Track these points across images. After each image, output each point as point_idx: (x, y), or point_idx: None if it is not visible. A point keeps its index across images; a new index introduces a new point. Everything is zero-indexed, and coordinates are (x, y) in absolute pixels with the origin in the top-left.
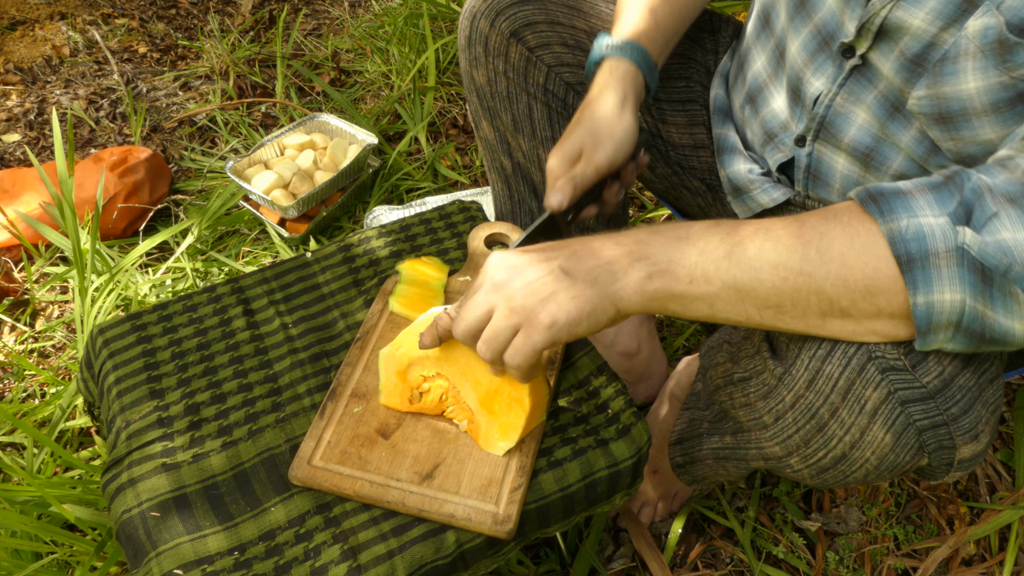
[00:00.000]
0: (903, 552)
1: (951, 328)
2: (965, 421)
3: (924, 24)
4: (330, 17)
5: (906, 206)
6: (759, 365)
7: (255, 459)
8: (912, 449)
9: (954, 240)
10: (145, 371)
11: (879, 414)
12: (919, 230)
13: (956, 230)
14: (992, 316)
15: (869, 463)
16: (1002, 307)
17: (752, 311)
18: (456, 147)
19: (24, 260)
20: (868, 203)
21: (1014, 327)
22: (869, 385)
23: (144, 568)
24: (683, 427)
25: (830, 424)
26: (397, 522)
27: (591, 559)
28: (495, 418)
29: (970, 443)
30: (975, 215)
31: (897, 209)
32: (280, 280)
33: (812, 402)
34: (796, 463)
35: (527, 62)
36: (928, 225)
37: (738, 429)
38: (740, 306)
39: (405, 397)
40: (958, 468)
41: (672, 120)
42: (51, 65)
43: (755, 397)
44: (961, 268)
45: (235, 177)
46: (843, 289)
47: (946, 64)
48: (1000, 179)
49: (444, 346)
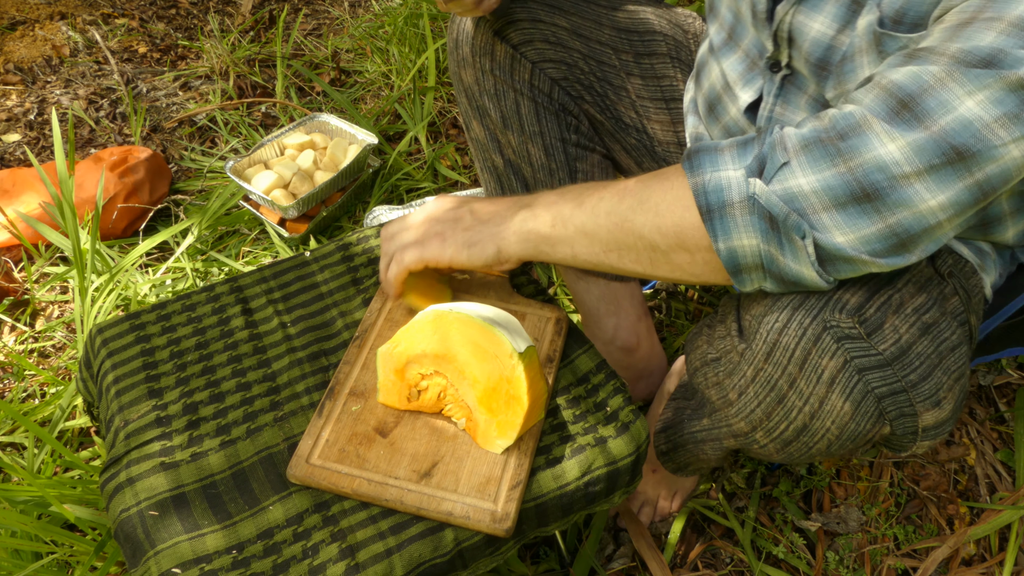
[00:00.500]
0: (903, 552)
1: (759, 270)
2: (924, 387)
3: (823, 27)
4: (330, 17)
5: (712, 161)
6: (728, 344)
7: (253, 458)
8: (872, 417)
9: (746, 191)
10: (144, 371)
11: (836, 383)
12: (718, 183)
13: (748, 181)
14: (783, 261)
15: (830, 433)
16: (790, 253)
17: (600, 252)
18: (456, 147)
19: (24, 260)
20: (685, 160)
21: (803, 271)
22: (825, 354)
23: (142, 567)
24: (669, 415)
25: (789, 395)
26: (395, 520)
27: (591, 559)
28: (493, 416)
29: (932, 409)
30: (767, 166)
31: (704, 164)
32: (279, 279)
33: (771, 374)
34: (761, 437)
35: (512, 59)
36: (727, 178)
37: (713, 410)
38: (591, 248)
39: (403, 395)
40: (924, 436)
41: (656, 118)
42: (51, 65)
43: (723, 375)
44: (753, 216)
45: (235, 177)
46: (658, 234)
47: (845, 63)
48: (806, 128)
49: (443, 344)
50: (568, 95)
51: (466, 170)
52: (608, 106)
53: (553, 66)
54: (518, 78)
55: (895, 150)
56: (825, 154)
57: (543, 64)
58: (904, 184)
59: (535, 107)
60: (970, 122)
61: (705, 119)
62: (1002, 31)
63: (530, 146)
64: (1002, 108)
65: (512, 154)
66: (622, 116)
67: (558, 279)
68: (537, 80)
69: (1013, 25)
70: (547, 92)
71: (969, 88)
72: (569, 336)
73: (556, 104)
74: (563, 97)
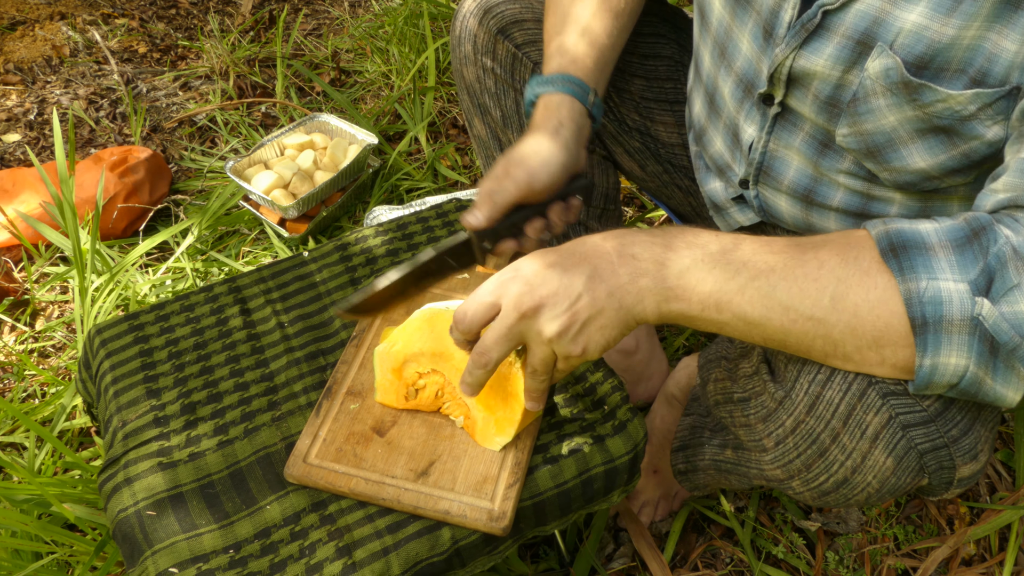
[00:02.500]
0: (903, 552)
1: (951, 387)
2: (965, 442)
3: (826, 69)
4: (330, 17)
5: (927, 266)
6: (758, 386)
7: (251, 457)
8: (913, 472)
9: (971, 310)
10: (142, 371)
11: (880, 439)
12: (937, 295)
13: (975, 300)
14: (990, 384)
15: (871, 486)
16: (1002, 377)
17: (758, 340)
18: (456, 147)
19: (24, 260)
20: (889, 256)
21: (1007, 395)
22: (870, 410)
23: (140, 566)
24: (685, 434)
25: (831, 449)
26: (392, 519)
27: (591, 558)
28: (491, 413)
29: (970, 463)
30: (995, 284)
31: (918, 268)
32: (277, 279)
33: (813, 427)
34: (798, 486)
35: (514, 59)
36: (947, 291)
37: (739, 445)
38: (747, 334)
39: (401, 394)
40: (958, 485)
41: (660, 119)
42: (51, 65)
43: (755, 419)
44: (972, 338)
45: (235, 177)
46: (851, 337)
47: (859, 104)
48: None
49: (440, 342)
50: None
51: (466, 170)
52: (611, 108)
53: None
54: (519, 78)
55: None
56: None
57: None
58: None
59: None
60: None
61: (696, 146)
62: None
63: None
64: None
65: None
66: (625, 118)
67: None
68: None
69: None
70: None
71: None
72: None
73: None
74: None
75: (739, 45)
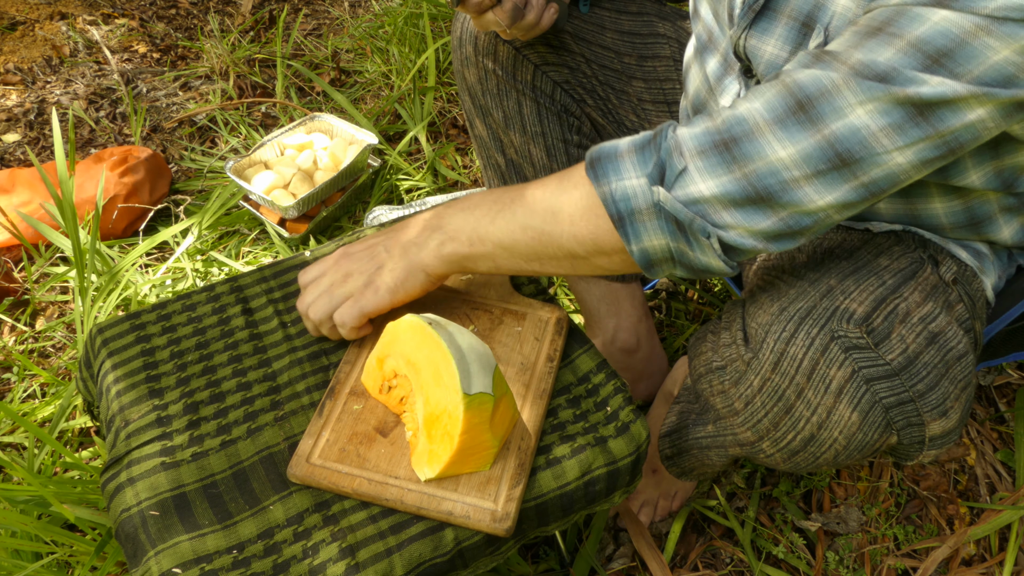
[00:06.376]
0: (903, 552)
1: (669, 262)
2: (932, 397)
3: (776, 50)
4: (330, 17)
5: (616, 169)
6: (733, 353)
7: (254, 458)
8: (880, 427)
9: (651, 198)
10: (144, 370)
11: (844, 393)
12: (624, 192)
13: (652, 190)
14: (692, 255)
15: (838, 443)
16: (698, 249)
17: (523, 262)
18: (456, 147)
19: (24, 260)
20: (588, 168)
21: (711, 262)
22: (833, 364)
23: (143, 567)
24: (673, 420)
25: (797, 405)
26: (395, 520)
27: (591, 558)
28: (430, 443)
29: (939, 419)
30: (667, 173)
31: (608, 172)
32: (279, 279)
33: (779, 384)
34: (767, 447)
35: (515, 60)
36: (631, 187)
37: (717, 417)
38: (513, 259)
39: (378, 384)
40: (930, 446)
41: (658, 120)
42: (51, 65)
43: (728, 384)
44: (660, 220)
45: (235, 177)
46: (576, 243)
47: None
48: (698, 129)
49: (417, 352)
50: (570, 97)
51: (466, 170)
52: (610, 110)
53: (555, 69)
54: (520, 79)
55: (785, 157)
56: (721, 160)
57: (545, 67)
58: (795, 187)
59: (537, 108)
60: (858, 129)
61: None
62: (900, 49)
63: (532, 146)
64: (888, 119)
65: (514, 154)
66: (623, 120)
67: (559, 279)
68: (539, 81)
69: (911, 45)
70: (549, 93)
71: (861, 98)
72: (570, 336)
73: (558, 105)
74: (565, 99)
75: (719, 36)
